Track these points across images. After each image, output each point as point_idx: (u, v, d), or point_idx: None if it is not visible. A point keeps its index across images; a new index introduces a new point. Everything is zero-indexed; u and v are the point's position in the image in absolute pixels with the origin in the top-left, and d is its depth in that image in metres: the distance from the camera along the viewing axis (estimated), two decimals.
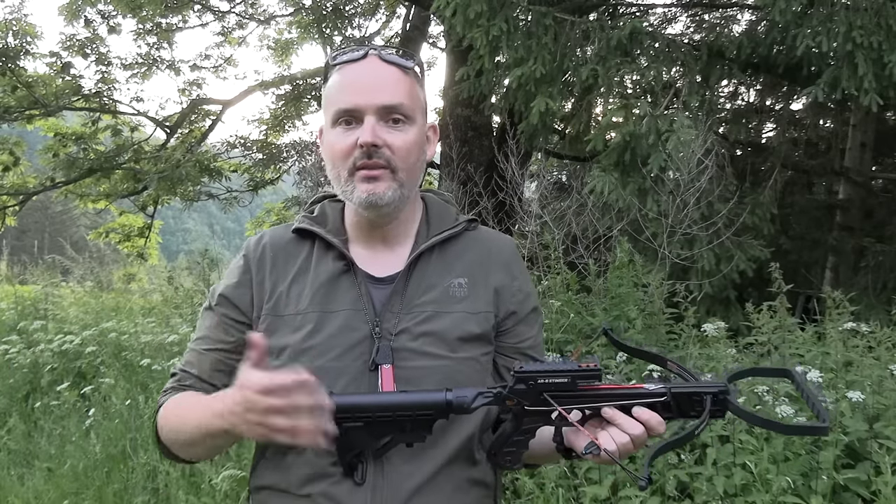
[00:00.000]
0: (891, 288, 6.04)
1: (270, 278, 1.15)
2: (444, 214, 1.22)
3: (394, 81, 1.10)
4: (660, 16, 8.18)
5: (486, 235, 1.24)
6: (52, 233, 31.06)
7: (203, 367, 1.16)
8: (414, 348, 1.08)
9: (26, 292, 7.53)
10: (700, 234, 4.33)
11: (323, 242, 1.16)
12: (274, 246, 1.18)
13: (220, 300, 1.17)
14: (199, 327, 1.21)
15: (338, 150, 1.09)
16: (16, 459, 4.21)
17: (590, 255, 4.26)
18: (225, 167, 10.55)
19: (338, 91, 1.10)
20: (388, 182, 1.08)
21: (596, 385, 0.93)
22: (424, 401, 0.94)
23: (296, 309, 1.11)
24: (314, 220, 1.19)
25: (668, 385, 0.94)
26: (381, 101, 1.07)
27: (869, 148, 7.72)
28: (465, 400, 0.94)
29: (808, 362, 3.02)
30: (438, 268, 1.16)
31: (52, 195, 11.56)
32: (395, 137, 1.08)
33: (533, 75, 4.79)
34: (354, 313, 1.10)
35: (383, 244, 1.17)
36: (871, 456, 2.44)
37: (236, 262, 1.21)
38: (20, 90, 8.97)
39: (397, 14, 10.47)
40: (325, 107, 1.14)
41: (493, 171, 5.13)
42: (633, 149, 4.62)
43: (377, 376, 1.06)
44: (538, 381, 0.92)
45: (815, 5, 4.38)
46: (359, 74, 1.10)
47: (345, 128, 1.09)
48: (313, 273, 1.14)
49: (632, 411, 0.94)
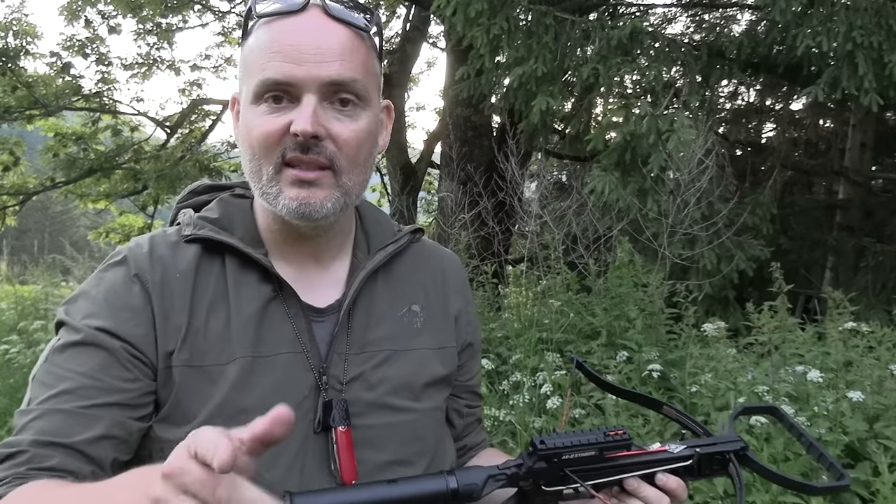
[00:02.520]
0: (891, 288, 6.04)
1: (181, 311, 0.80)
2: (381, 223, 0.96)
3: (345, 48, 0.79)
4: (660, 16, 8.19)
5: (434, 250, 1.00)
6: (52, 233, 31.07)
7: (82, 432, 0.74)
8: (372, 401, 0.83)
9: (26, 292, 7.53)
10: (700, 234, 4.33)
11: (237, 257, 0.84)
12: (176, 263, 0.83)
13: (105, 335, 0.77)
14: (56, 376, 0.77)
15: (260, 136, 0.79)
16: None
17: (590, 255, 4.25)
18: (225, 167, 10.56)
19: (264, 53, 0.78)
20: (329, 190, 0.80)
21: (620, 453, 0.81)
22: (422, 493, 0.72)
23: (218, 357, 0.79)
24: (218, 226, 0.85)
25: (692, 444, 0.84)
26: (326, 75, 0.77)
27: (869, 148, 7.72)
28: (474, 487, 0.74)
29: (809, 362, 3.02)
30: (387, 293, 0.90)
31: (52, 195, 11.56)
32: (343, 127, 0.79)
33: (533, 74, 4.79)
34: (294, 357, 0.81)
35: (313, 261, 0.88)
36: (870, 456, 2.43)
37: (121, 283, 0.81)
38: (20, 90, 8.97)
39: (397, 14, 10.46)
40: (243, 73, 0.83)
41: (493, 171, 5.13)
42: (633, 148, 4.63)
43: (326, 440, 0.80)
44: (563, 457, 0.77)
45: (816, 5, 4.38)
46: (297, 34, 0.78)
47: (271, 106, 0.79)
48: (233, 302, 0.82)
49: (655, 479, 0.79)
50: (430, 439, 0.88)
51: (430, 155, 10.02)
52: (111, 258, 0.85)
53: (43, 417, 0.75)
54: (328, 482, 0.80)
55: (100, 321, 0.78)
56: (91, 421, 0.75)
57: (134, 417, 0.77)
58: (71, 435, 0.74)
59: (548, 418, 2.96)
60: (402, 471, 0.84)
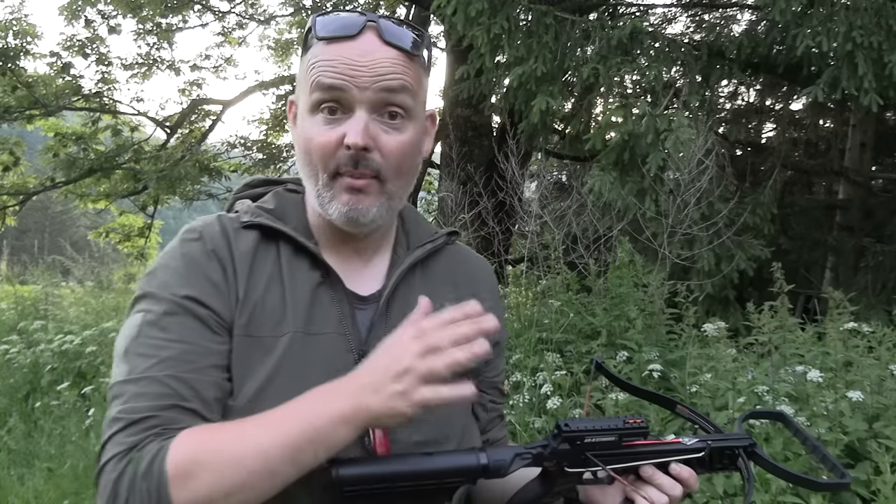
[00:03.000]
0: (891, 288, 6.04)
1: (243, 284, 0.88)
2: (421, 224, 1.04)
3: (397, 66, 0.88)
4: (660, 16, 8.19)
5: (469, 254, 1.09)
6: (52, 233, 31.07)
7: (205, 396, 0.80)
8: None
9: (26, 292, 7.53)
10: (700, 234, 4.33)
11: (291, 245, 0.92)
12: (239, 242, 0.91)
13: (191, 302, 0.84)
14: (154, 345, 0.81)
15: (317, 146, 0.87)
16: (16, 459, 4.21)
17: (590, 255, 4.25)
18: (225, 167, 10.56)
19: (323, 69, 0.87)
20: (375, 197, 0.89)
21: (637, 441, 0.86)
22: (455, 466, 0.79)
23: (273, 329, 0.86)
24: (274, 216, 0.94)
25: (705, 438, 0.89)
26: (377, 91, 0.86)
27: (869, 148, 7.73)
28: (502, 463, 0.80)
29: (809, 362, 3.02)
30: (423, 287, 0.96)
31: (52, 195, 11.56)
32: (390, 139, 0.87)
33: (533, 74, 4.80)
34: (338, 338, 0.89)
35: (357, 255, 0.96)
36: (870, 456, 2.43)
37: (199, 255, 0.88)
38: (20, 90, 8.97)
39: (397, 14, 10.46)
40: (302, 84, 0.90)
41: (493, 171, 5.13)
42: (631, 148, 4.63)
43: None
44: (585, 440, 0.82)
45: (815, 5, 4.38)
46: (352, 53, 0.87)
47: (328, 117, 0.87)
48: (287, 282, 0.90)
49: (669, 469, 0.86)
50: (456, 425, 0.94)
51: (429, 155, 10.02)
52: (185, 235, 0.91)
53: (154, 383, 0.79)
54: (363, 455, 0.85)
55: (185, 290, 0.84)
56: (199, 384, 0.80)
57: (226, 378, 0.83)
58: (187, 399, 0.79)
59: (548, 418, 2.97)
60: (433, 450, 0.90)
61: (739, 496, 2.37)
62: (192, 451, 0.73)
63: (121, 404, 0.79)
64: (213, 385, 0.81)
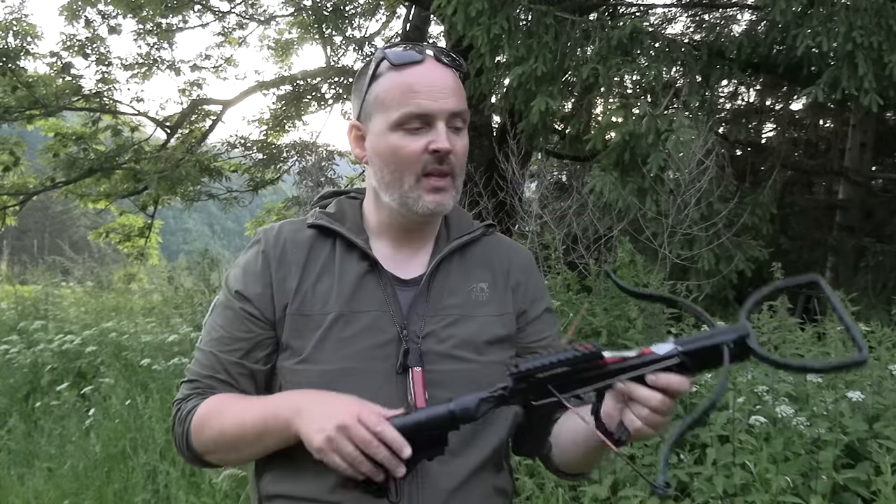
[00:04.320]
0: (891, 288, 6.04)
1: (294, 276, 1.11)
2: (462, 218, 1.21)
3: (456, 87, 1.09)
4: (660, 16, 8.19)
5: (505, 242, 1.24)
6: (52, 233, 31.06)
7: (230, 371, 1.11)
8: (441, 351, 1.08)
9: (26, 292, 7.53)
10: (700, 235, 4.33)
11: (344, 241, 1.13)
12: (295, 242, 1.14)
13: (237, 297, 1.12)
14: (211, 326, 1.14)
15: (406, 155, 1.06)
16: (16, 459, 4.21)
17: (590, 256, 4.25)
18: (225, 167, 10.55)
19: (405, 93, 1.06)
20: (450, 192, 1.09)
21: (602, 362, 0.87)
22: (429, 418, 0.91)
23: (322, 309, 1.08)
24: (333, 218, 1.15)
25: (678, 342, 0.86)
26: (451, 108, 1.06)
27: (869, 148, 7.73)
28: (469, 410, 0.90)
29: None
30: (460, 272, 1.15)
31: (52, 195, 11.57)
32: (458, 142, 1.08)
33: (533, 74, 4.79)
34: (382, 315, 1.08)
35: (406, 246, 1.15)
36: (871, 456, 2.43)
37: (252, 257, 1.14)
38: (20, 90, 8.97)
39: (397, 14, 10.46)
40: (380, 107, 1.09)
41: (494, 171, 5.12)
42: (632, 148, 4.63)
43: (405, 379, 1.06)
44: (537, 375, 0.88)
45: (816, 5, 4.38)
46: (428, 78, 1.07)
47: (411, 131, 1.06)
48: (338, 272, 1.11)
49: (646, 380, 0.88)
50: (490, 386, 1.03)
51: None
52: (253, 238, 1.18)
53: (205, 355, 1.12)
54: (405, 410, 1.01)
55: (238, 286, 1.12)
56: (228, 364, 1.10)
57: (254, 360, 1.10)
58: (224, 371, 1.10)
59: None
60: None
61: (740, 496, 2.37)
62: (206, 414, 1.07)
63: (190, 364, 1.15)
64: (234, 364, 1.10)
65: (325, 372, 1.05)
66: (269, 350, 1.11)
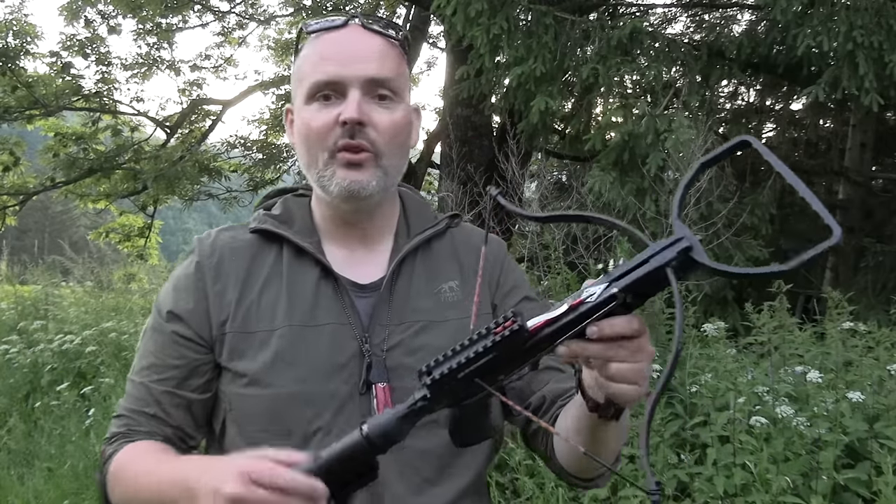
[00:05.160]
0: (891, 288, 6.04)
1: (234, 289, 0.97)
2: (422, 210, 1.09)
3: (381, 53, 0.96)
4: (660, 16, 8.18)
5: (472, 231, 1.11)
6: (52, 233, 31.07)
7: (162, 403, 0.96)
8: (411, 365, 0.92)
9: (26, 292, 7.53)
10: (699, 235, 4.33)
11: (292, 246, 0.99)
12: (234, 250, 1.00)
13: (169, 317, 0.97)
14: (143, 353, 0.99)
15: (314, 129, 0.94)
16: (16, 459, 4.21)
17: (590, 255, 4.25)
18: (225, 167, 10.55)
19: (315, 62, 0.95)
20: (372, 170, 0.94)
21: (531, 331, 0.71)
22: (344, 450, 0.76)
23: (270, 324, 0.95)
24: (278, 220, 1.02)
25: (610, 278, 0.69)
26: (367, 73, 0.93)
27: (869, 148, 7.72)
28: (388, 433, 0.76)
29: (808, 362, 3.02)
30: (425, 271, 1.02)
31: (52, 195, 11.56)
32: (382, 116, 0.94)
33: (533, 74, 4.79)
34: (340, 327, 0.95)
35: (361, 244, 1.03)
36: (871, 456, 2.43)
37: (184, 270, 1.00)
38: (20, 90, 8.96)
39: (397, 14, 10.46)
40: (297, 82, 0.98)
41: (494, 171, 5.12)
42: (631, 148, 4.63)
43: (369, 399, 0.92)
44: (458, 376, 0.73)
45: (816, 5, 4.38)
46: (341, 43, 0.95)
47: (323, 103, 0.94)
48: (287, 281, 0.97)
49: (588, 335, 0.70)
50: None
51: (430, 155, 10.01)
52: (189, 248, 1.04)
53: (136, 387, 0.98)
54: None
55: (168, 305, 0.98)
56: (159, 395, 0.96)
57: (189, 388, 0.96)
58: (154, 404, 0.96)
59: None
60: (441, 430, 0.90)
61: (740, 496, 2.37)
62: (121, 466, 0.93)
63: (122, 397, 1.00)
64: (166, 395, 0.96)
65: (277, 396, 0.92)
66: (208, 377, 0.97)
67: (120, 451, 0.94)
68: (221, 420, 0.97)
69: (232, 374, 0.94)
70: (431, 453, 0.94)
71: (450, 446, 0.89)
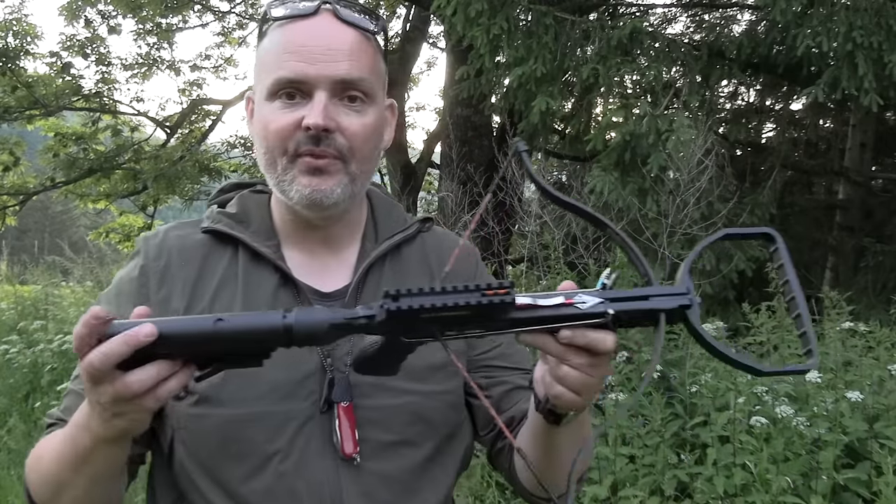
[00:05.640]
0: (891, 288, 6.04)
1: (181, 295, 0.88)
2: (392, 212, 1.00)
3: (354, 49, 0.86)
4: (660, 16, 8.18)
5: (444, 237, 1.03)
6: (52, 233, 31.06)
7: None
8: (375, 382, 0.85)
9: (26, 292, 7.53)
10: (700, 235, 4.32)
11: (250, 249, 0.91)
12: (183, 251, 0.91)
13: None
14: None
15: (274, 130, 0.85)
16: (16, 459, 4.21)
17: (589, 256, 4.25)
18: (225, 167, 10.55)
19: (279, 55, 0.85)
20: (339, 176, 0.86)
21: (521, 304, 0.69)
22: (253, 329, 0.69)
23: None
24: (234, 220, 0.93)
25: (606, 295, 0.69)
26: (336, 73, 0.84)
27: (869, 148, 7.72)
28: (312, 332, 0.69)
29: None
30: (394, 279, 0.94)
31: (52, 195, 11.56)
32: (352, 120, 0.86)
33: (533, 74, 4.79)
34: None
35: (325, 249, 0.94)
36: (871, 456, 2.43)
37: (129, 273, 0.91)
38: (20, 90, 8.96)
39: (397, 14, 10.45)
40: (259, 72, 0.89)
41: (493, 171, 5.13)
42: (633, 148, 4.63)
43: (331, 419, 0.85)
44: (422, 316, 0.67)
45: (816, 5, 4.38)
46: (309, 35, 0.85)
47: (285, 102, 0.85)
48: (242, 287, 0.88)
49: (558, 336, 0.69)
50: (436, 421, 0.89)
51: (430, 155, 10.02)
52: (134, 249, 0.95)
53: (67, 395, 0.90)
54: (331, 457, 0.84)
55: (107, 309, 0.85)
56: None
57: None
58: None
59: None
60: (407, 451, 0.87)
61: (740, 496, 2.37)
62: (30, 461, 0.87)
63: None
64: None
65: (229, 417, 0.83)
66: None
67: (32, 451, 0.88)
68: (169, 439, 0.87)
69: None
70: (394, 478, 0.87)
71: (414, 470, 0.87)
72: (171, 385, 0.68)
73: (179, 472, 0.86)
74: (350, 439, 0.84)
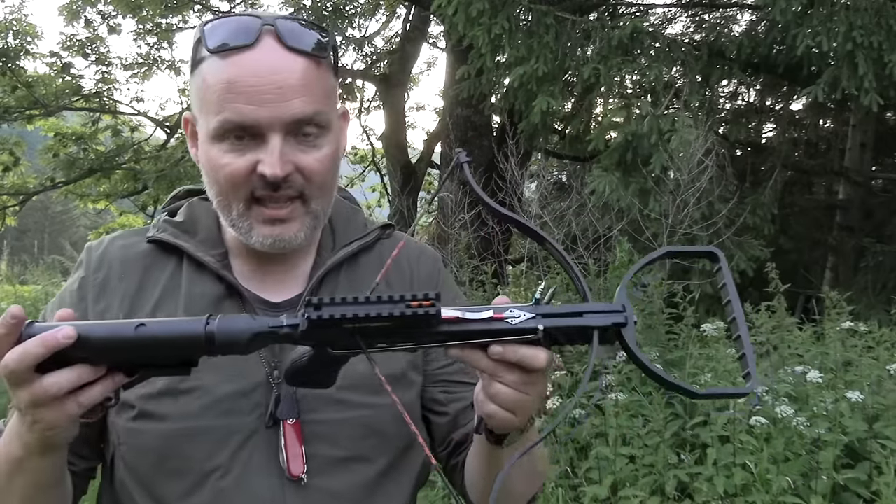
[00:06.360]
0: (891, 288, 6.04)
1: (120, 307, 0.85)
2: (351, 219, 0.95)
3: (306, 80, 0.78)
4: (660, 16, 8.19)
5: (407, 245, 0.96)
6: (52, 233, 31.08)
7: None
8: (324, 395, 0.80)
9: (26, 292, 7.54)
10: (700, 234, 4.33)
11: (193, 259, 0.87)
12: (125, 262, 0.88)
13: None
14: None
15: (227, 175, 0.79)
16: None
17: (590, 255, 4.25)
18: None
19: (223, 94, 0.77)
20: (301, 219, 0.82)
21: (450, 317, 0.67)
22: (174, 336, 0.67)
23: None
24: (179, 229, 0.89)
25: (539, 311, 0.67)
26: (290, 114, 0.77)
27: (869, 148, 7.72)
28: (234, 340, 0.67)
29: (808, 362, 3.02)
30: (350, 289, 0.89)
31: (52, 195, 11.57)
32: (309, 157, 0.79)
33: (534, 74, 4.80)
34: None
35: (276, 257, 0.89)
36: (871, 456, 2.44)
37: (71, 285, 0.89)
38: (20, 90, 8.98)
39: (397, 14, 10.46)
40: (201, 105, 0.81)
41: (493, 171, 5.13)
42: (634, 148, 4.63)
43: (277, 434, 0.81)
44: (344, 326, 0.65)
45: (816, 5, 4.38)
46: (253, 72, 0.76)
47: (234, 144, 0.78)
48: (185, 299, 0.85)
49: (488, 351, 0.66)
50: (390, 435, 0.86)
51: (430, 155, 10.02)
52: (79, 260, 0.91)
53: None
54: (276, 475, 0.81)
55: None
56: None
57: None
58: None
59: (547, 418, 2.96)
60: (358, 467, 0.84)
61: (740, 496, 2.37)
62: None
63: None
64: None
65: (169, 432, 0.80)
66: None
67: None
68: (111, 455, 0.85)
69: (119, 405, 0.78)
70: (344, 496, 0.83)
71: (367, 486, 0.84)
72: (95, 392, 0.65)
73: (120, 488, 0.84)
74: (298, 458, 0.81)
